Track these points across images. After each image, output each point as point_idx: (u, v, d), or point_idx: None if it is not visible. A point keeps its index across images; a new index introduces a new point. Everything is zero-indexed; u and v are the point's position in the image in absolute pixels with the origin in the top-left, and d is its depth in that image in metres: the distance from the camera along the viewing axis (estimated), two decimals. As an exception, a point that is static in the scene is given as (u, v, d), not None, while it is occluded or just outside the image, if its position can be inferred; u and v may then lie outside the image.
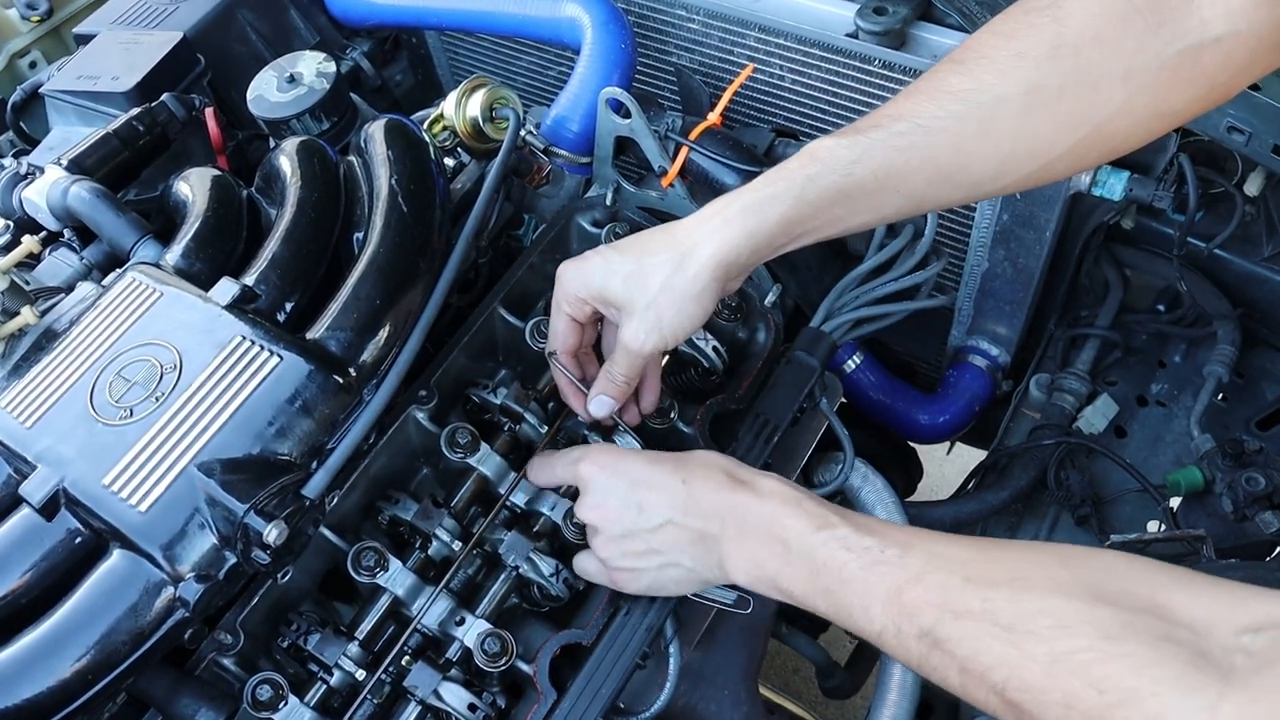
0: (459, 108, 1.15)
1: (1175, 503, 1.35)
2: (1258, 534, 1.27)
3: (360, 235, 1.00)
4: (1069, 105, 0.83)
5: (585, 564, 0.97)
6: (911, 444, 1.70)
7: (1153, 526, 1.35)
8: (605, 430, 1.05)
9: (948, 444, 1.69)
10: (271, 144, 1.15)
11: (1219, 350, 1.41)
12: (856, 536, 0.78)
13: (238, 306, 0.89)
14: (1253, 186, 1.29)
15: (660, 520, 0.89)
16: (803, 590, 0.81)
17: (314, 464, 0.86)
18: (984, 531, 1.37)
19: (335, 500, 0.93)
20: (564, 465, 0.97)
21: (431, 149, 1.05)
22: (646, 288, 0.90)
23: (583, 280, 0.94)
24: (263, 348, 0.86)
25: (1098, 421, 1.41)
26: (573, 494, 1.00)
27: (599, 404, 0.98)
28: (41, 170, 1.10)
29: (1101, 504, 1.37)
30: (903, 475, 1.69)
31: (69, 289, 1.02)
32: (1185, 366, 1.50)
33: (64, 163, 1.09)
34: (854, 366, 1.49)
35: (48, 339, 0.94)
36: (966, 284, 1.44)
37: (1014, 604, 0.66)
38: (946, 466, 2.30)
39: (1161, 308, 1.52)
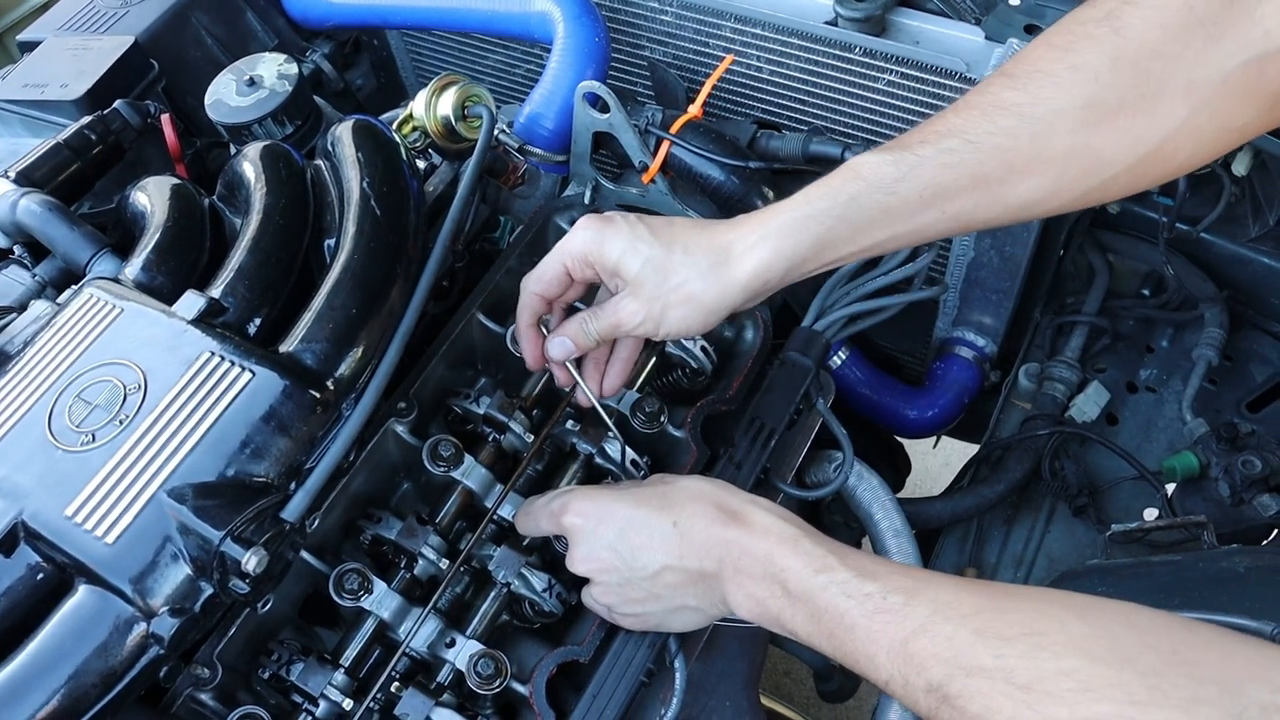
0: (429, 107, 1.10)
1: (1170, 489, 1.33)
2: (1256, 517, 1.25)
3: (331, 242, 0.95)
4: (1128, 121, 0.79)
5: (592, 604, 0.93)
6: (898, 439, 1.67)
7: (1149, 514, 1.34)
8: (593, 437, 1.02)
9: (934, 438, 1.66)
10: (232, 151, 1.10)
11: (1207, 333, 1.40)
12: (857, 582, 0.74)
13: (204, 321, 0.84)
14: (1240, 166, 1.28)
15: (657, 567, 0.86)
16: (807, 632, 0.78)
17: (292, 485, 0.81)
18: (981, 525, 1.35)
19: (315, 522, 0.88)
20: (547, 518, 0.93)
21: (403, 150, 1.01)
22: (665, 282, 0.86)
23: (601, 247, 0.88)
24: (233, 363, 0.81)
25: (1090, 409, 1.39)
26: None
27: (559, 345, 0.94)
28: (-13, 184, 1.04)
29: (1096, 493, 1.35)
30: (891, 471, 1.67)
31: (21, 308, 0.96)
32: (1173, 351, 1.48)
33: (12, 175, 1.04)
34: (840, 362, 1.46)
35: (0, 362, 0.88)
36: (952, 274, 1.41)
37: (1030, 661, 0.63)
38: (929, 460, 2.29)
39: (1146, 292, 1.50)
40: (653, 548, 0.86)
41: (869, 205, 0.83)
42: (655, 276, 0.87)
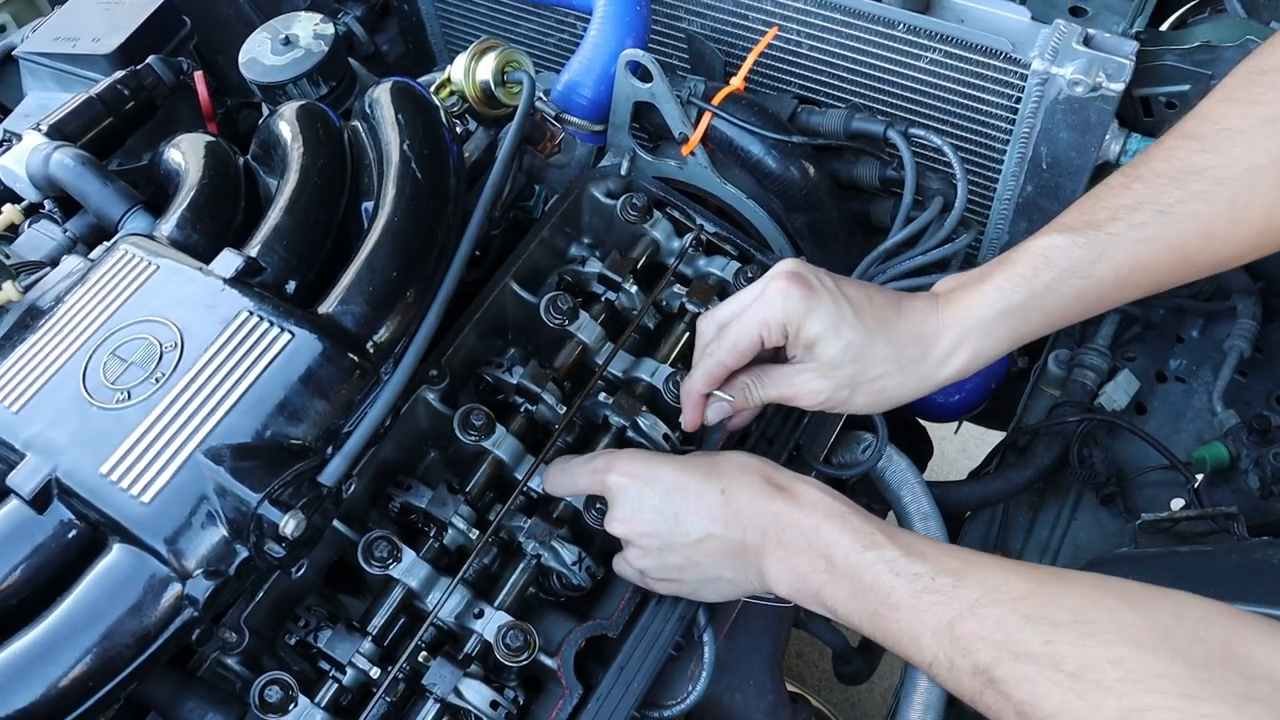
0: (469, 71, 1.08)
1: (1197, 480, 1.32)
2: (1286, 511, 1.24)
3: (369, 205, 0.93)
4: None
5: (624, 569, 0.92)
6: (920, 422, 1.66)
7: (1175, 504, 1.32)
8: (627, 409, 1.00)
9: (955, 424, 1.65)
10: (265, 111, 1.08)
11: (1240, 324, 1.38)
12: (905, 561, 0.74)
13: (242, 280, 0.83)
14: (1284, 155, 1.26)
15: (700, 534, 0.84)
16: (847, 609, 0.77)
17: (329, 449, 0.80)
18: (1007, 511, 1.34)
19: (352, 487, 0.87)
20: (588, 475, 0.91)
21: (442, 113, 0.99)
22: (862, 371, 0.85)
23: (804, 320, 0.85)
24: (272, 324, 0.80)
25: (1119, 398, 1.38)
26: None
27: (719, 410, 0.94)
28: (18, 137, 1.03)
29: (1124, 482, 1.34)
30: (913, 455, 1.65)
31: (53, 263, 0.95)
32: (1203, 341, 1.47)
33: (44, 128, 1.02)
34: (867, 344, 1.45)
35: (32, 317, 0.87)
36: (984, 258, 1.39)
37: (1079, 649, 0.62)
38: (946, 446, 2.28)
39: (1178, 282, 1.49)
40: (699, 514, 0.84)
41: (1065, 292, 0.82)
42: (853, 364, 0.85)
